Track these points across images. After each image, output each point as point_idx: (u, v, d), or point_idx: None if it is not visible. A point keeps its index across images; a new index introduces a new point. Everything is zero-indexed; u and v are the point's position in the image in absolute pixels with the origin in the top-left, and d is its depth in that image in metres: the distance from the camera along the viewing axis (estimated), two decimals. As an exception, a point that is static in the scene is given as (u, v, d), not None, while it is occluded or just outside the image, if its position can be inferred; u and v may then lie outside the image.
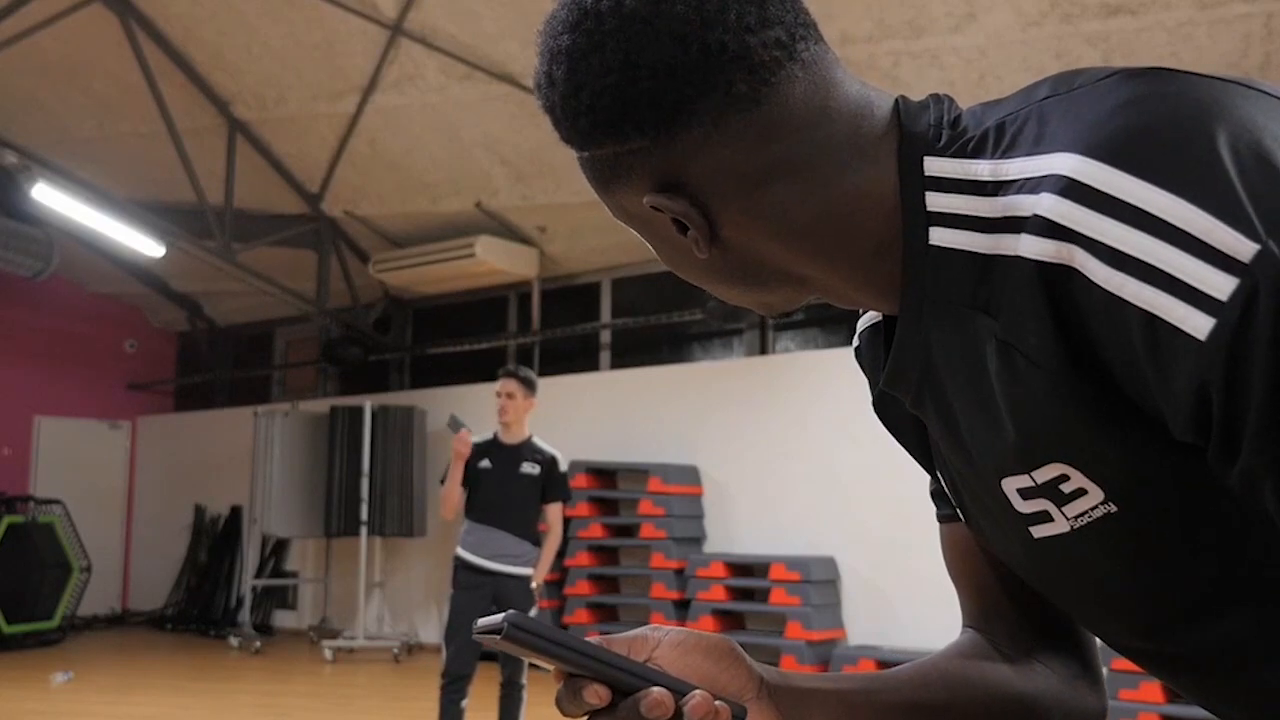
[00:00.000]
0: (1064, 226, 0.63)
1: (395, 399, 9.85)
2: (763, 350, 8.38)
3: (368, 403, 9.37)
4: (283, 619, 10.70)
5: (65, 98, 8.44)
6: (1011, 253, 0.67)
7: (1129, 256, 0.61)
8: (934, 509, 0.96)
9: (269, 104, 8.18)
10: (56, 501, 9.95)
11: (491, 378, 8.44)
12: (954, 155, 0.73)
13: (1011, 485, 0.75)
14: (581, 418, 8.38)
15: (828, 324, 8.07)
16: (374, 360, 10.39)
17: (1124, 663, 5.80)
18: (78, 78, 8.21)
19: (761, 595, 7.32)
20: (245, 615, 10.08)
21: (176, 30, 7.77)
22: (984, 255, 0.69)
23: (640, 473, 8.00)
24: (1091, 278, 0.62)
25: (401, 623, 9.65)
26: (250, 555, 10.52)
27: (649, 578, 7.74)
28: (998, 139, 0.71)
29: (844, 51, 6.06)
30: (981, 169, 0.71)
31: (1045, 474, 0.72)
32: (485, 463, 4.60)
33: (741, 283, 0.81)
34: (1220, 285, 0.58)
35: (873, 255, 0.76)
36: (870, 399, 0.92)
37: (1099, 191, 0.62)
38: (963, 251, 0.71)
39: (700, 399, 8.16)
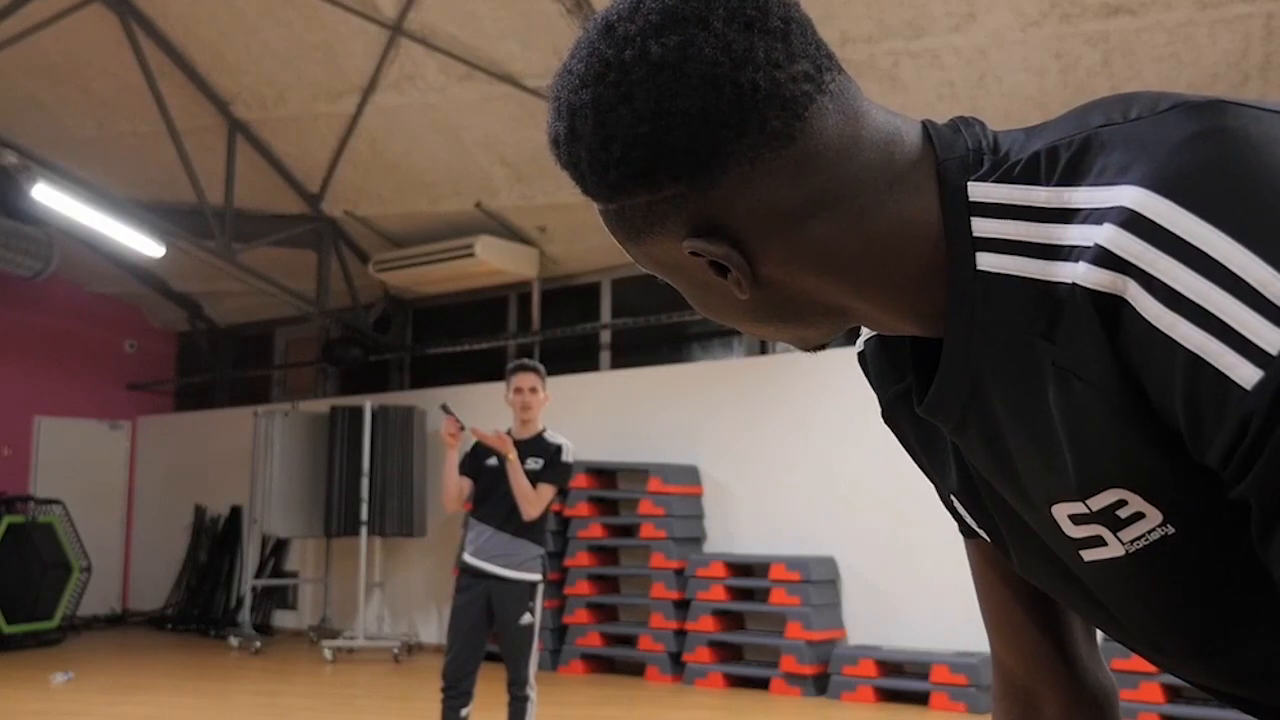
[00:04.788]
0: (1121, 258, 0.64)
1: (395, 399, 9.85)
2: (763, 350, 8.38)
3: (368, 403, 9.37)
4: (283, 619, 10.70)
5: (65, 98, 8.44)
6: (1069, 280, 0.67)
7: (1184, 297, 0.62)
8: (943, 515, 0.96)
9: (269, 104, 8.19)
10: (56, 501, 9.95)
11: (491, 378, 8.48)
12: (1000, 180, 0.72)
13: (1063, 511, 0.75)
14: (581, 418, 8.38)
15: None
16: (374, 360, 10.39)
17: (1124, 662, 5.80)
18: (78, 78, 8.21)
19: (761, 595, 7.32)
20: (245, 615, 10.08)
21: (176, 30, 7.77)
22: (1041, 281, 0.69)
23: (640, 473, 8.00)
24: (1142, 312, 0.63)
25: (401, 623, 9.65)
26: (250, 555, 10.51)
27: (649, 578, 7.74)
28: (1051, 165, 0.70)
29: (844, 51, 6.06)
30: (1039, 195, 0.70)
31: (1101, 500, 0.72)
32: (492, 460, 4.43)
33: (781, 320, 0.80)
34: (1271, 339, 0.59)
35: (917, 283, 0.75)
36: (878, 408, 0.92)
37: (1161, 228, 0.63)
38: (1017, 277, 0.70)
39: (700, 399, 8.16)
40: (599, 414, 8.46)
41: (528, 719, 4.35)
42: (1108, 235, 0.65)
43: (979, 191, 0.73)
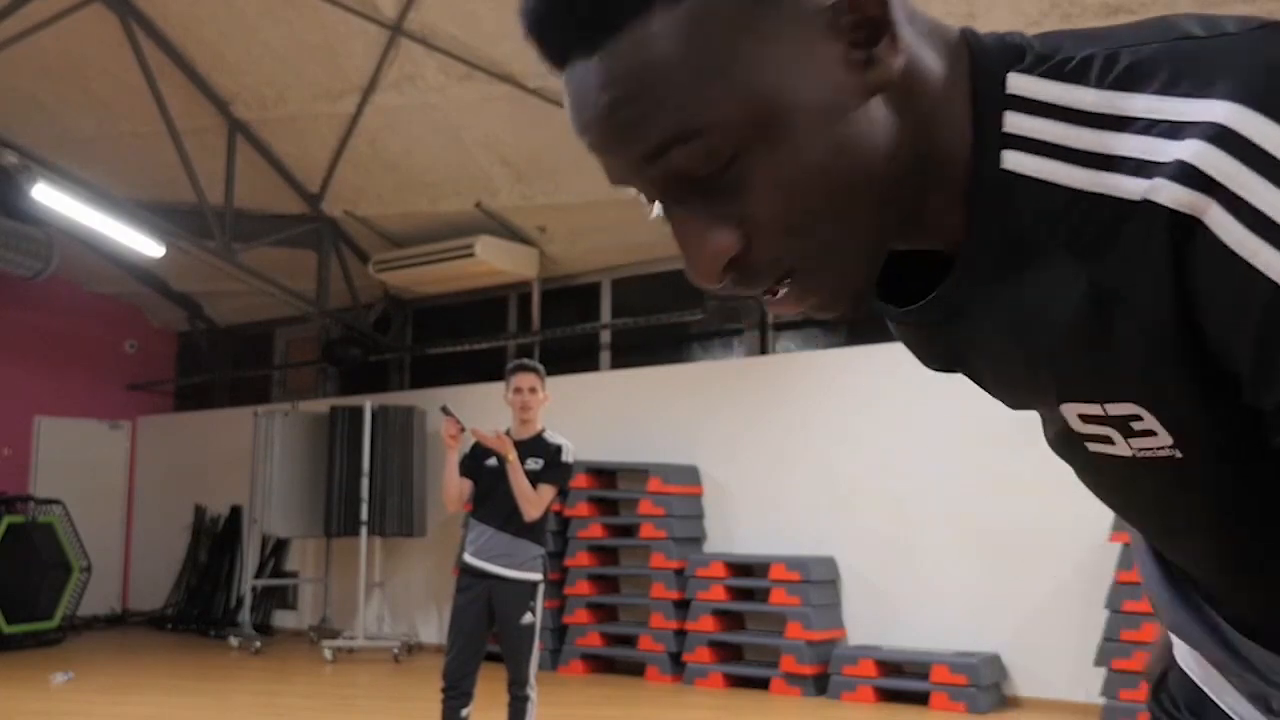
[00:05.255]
0: (1209, 177, 0.59)
1: (395, 399, 9.85)
2: (763, 350, 8.38)
3: (368, 403, 9.37)
4: (283, 619, 10.70)
5: (65, 98, 8.44)
6: (1138, 195, 0.61)
7: (1273, 223, 0.57)
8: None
9: (269, 104, 8.18)
10: (56, 501, 9.95)
11: (491, 377, 8.47)
12: (1044, 76, 0.66)
13: (1073, 410, 0.72)
14: (581, 418, 8.37)
15: (828, 324, 8.07)
16: (374, 360, 10.39)
17: (1123, 662, 5.80)
18: (78, 78, 8.21)
19: (761, 595, 7.32)
20: (245, 615, 10.07)
21: (176, 30, 7.77)
22: (1077, 190, 0.64)
23: (640, 473, 8.00)
24: (1221, 236, 0.58)
25: (401, 623, 9.65)
26: (250, 555, 10.51)
27: (649, 578, 7.74)
28: (1105, 68, 0.64)
29: (844, 51, 6.05)
30: (1085, 97, 0.64)
31: (1119, 409, 0.69)
32: (492, 461, 4.41)
33: (870, 154, 0.67)
34: None
35: (938, 162, 0.69)
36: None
37: (1257, 148, 0.58)
38: (1049, 183, 0.65)
39: (700, 399, 8.16)
40: (599, 414, 8.45)
41: (528, 719, 4.35)
42: (1195, 151, 0.59)
43: (1020, 84, 0.67)
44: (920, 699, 6.59)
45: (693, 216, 0.68)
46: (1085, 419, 0.72)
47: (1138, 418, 0.68)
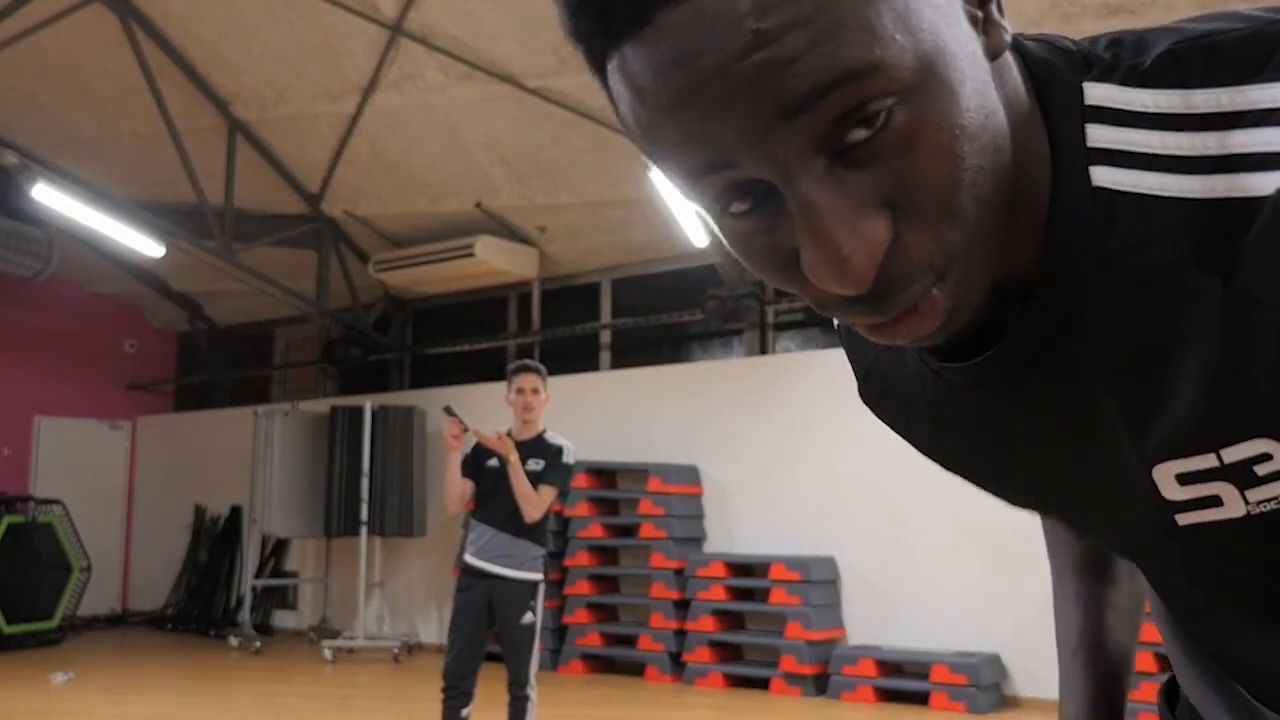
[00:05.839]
0: None
1: (395, 399, 9.85)
2: (763, 350, 8.38)
3: (368, 403, 9.37)
4: (283, 619, 10.70)
5: (65, 98, 8.44)
6: (1266, 191, 0.55)
7: None
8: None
9: (269, 104, 8.19)
10: (56, 501, 9.95)
11: (491, 377, 8.49)
12: (1125, 84, 0.60)
13: (1170, 470, 0.63)
14: (581, 418, 8.38)
15: (828, 323, 8.06)
16: (374, 360, 10.39)
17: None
18: (78, 78, 8.21)
19: (761, 595, 7.32)
20: (245, 615, 10.08)
21: (176, 30, 7.77)
22: (1195, 200, 0.57)
23: (640, 473, 8.00)
24: None
25: (401, 623, 9.65)
26: (250, 555, 10.51)
27: (649, 578, 7.74)
28: (1198, 64, 0.59)
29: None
30: (1180, 99, 0.58)
31: (1241, 451, 0.60)
32: (493, 461, 4.41)
33: (1003, 129, 0.60)
34: None
35: (1020, 174, 0.61)
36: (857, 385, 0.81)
37: None
38: (1158, 198, 0.58)
39: (700, 399, 8.16)
40: (599, 414, 8.46)
41: (528, 719, 4.35)
42: None
43: (1099, 93, 0.61)
44: (920, 699, 6.59)
45: (833, 199, 0.54)
46: (1186, 479, 0.63)
47: (1266, 457, 0.60)
